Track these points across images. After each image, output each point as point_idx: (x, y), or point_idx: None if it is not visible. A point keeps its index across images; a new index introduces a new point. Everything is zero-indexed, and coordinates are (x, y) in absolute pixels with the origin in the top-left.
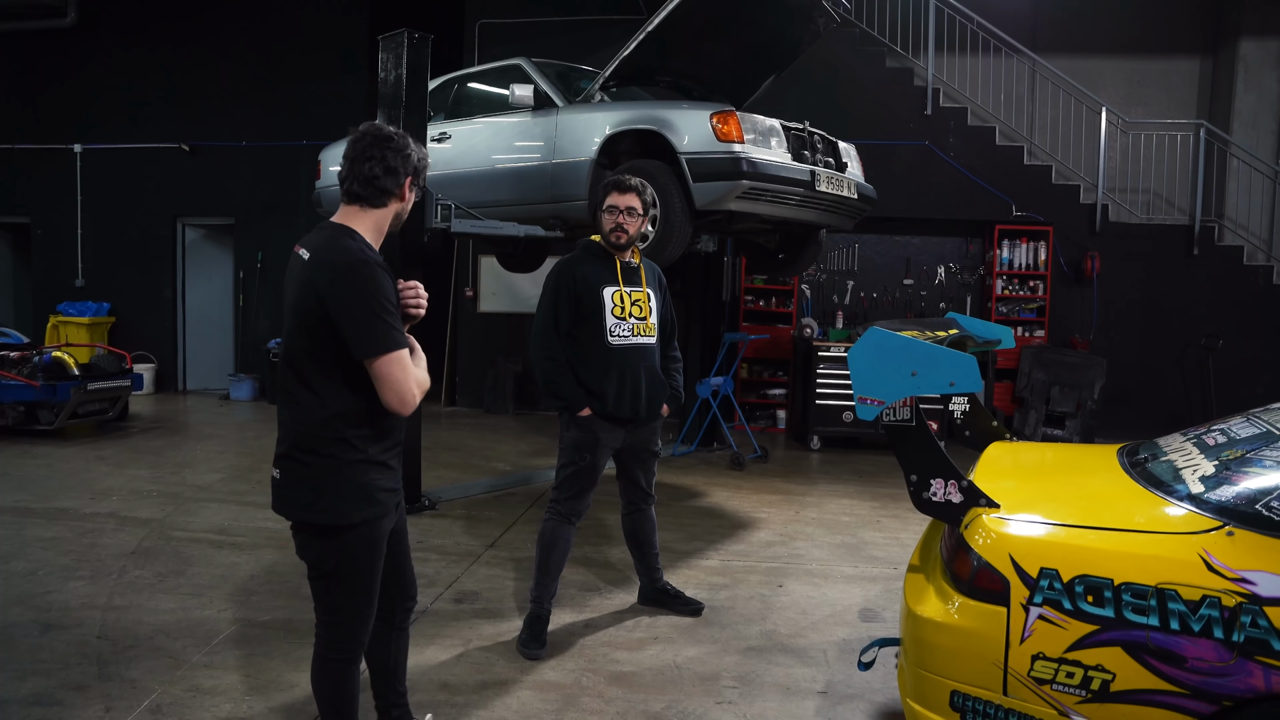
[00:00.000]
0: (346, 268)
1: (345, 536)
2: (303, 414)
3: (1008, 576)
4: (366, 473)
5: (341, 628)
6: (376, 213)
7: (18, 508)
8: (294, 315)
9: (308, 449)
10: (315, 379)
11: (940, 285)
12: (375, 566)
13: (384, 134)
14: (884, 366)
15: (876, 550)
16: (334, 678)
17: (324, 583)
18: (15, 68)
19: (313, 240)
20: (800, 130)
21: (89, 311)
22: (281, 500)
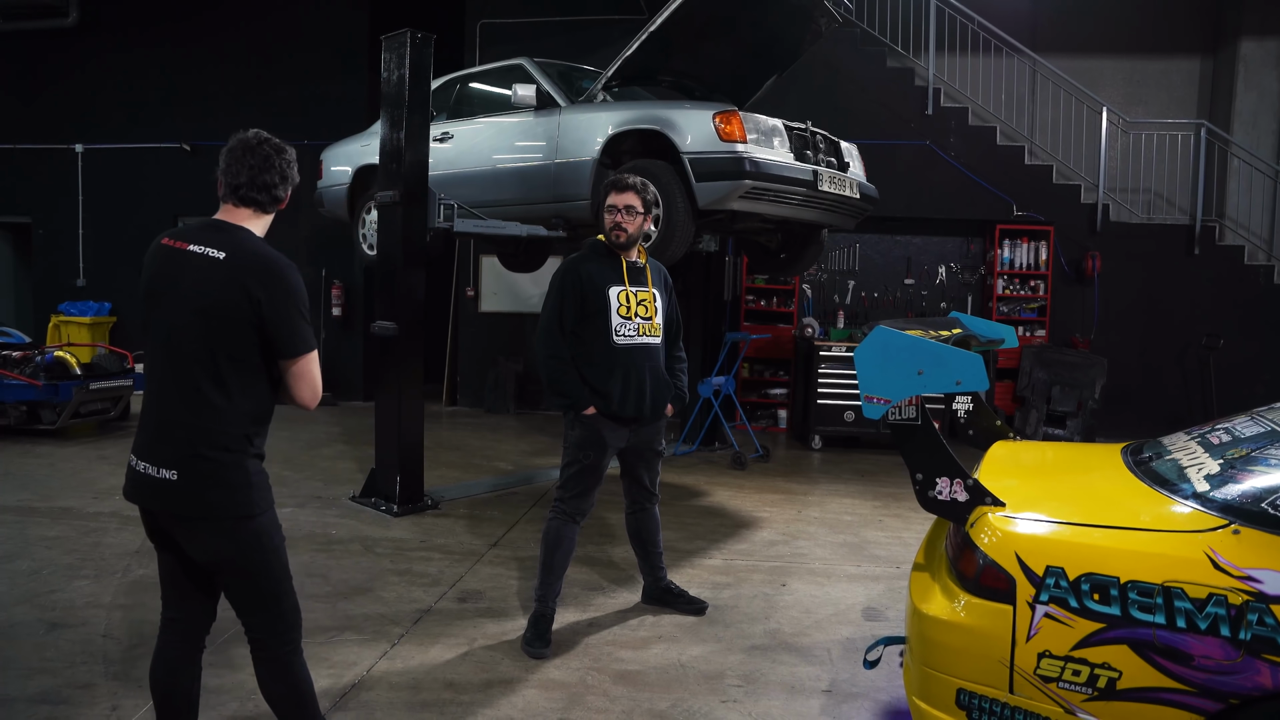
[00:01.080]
0: (281, 270)
1: (260, 522)
2: (213, 413)
3: (1014, 575)
4: (260, 466)
5: (279, 620)
6: (264, 217)
7: (21, 507)
8: (214, 315)
9: (218, 446)
10: (230, 378)
11: (941, 285)
12: (285, 550)
13: (270, 141)
14: (890, 365)
15: (879, 549)
16: (288, 675)
17: (250, 579)
18: (17, 68)
19: (213, 239)
20: (802, 130)
21: (90, 311)
22: (184, 501)
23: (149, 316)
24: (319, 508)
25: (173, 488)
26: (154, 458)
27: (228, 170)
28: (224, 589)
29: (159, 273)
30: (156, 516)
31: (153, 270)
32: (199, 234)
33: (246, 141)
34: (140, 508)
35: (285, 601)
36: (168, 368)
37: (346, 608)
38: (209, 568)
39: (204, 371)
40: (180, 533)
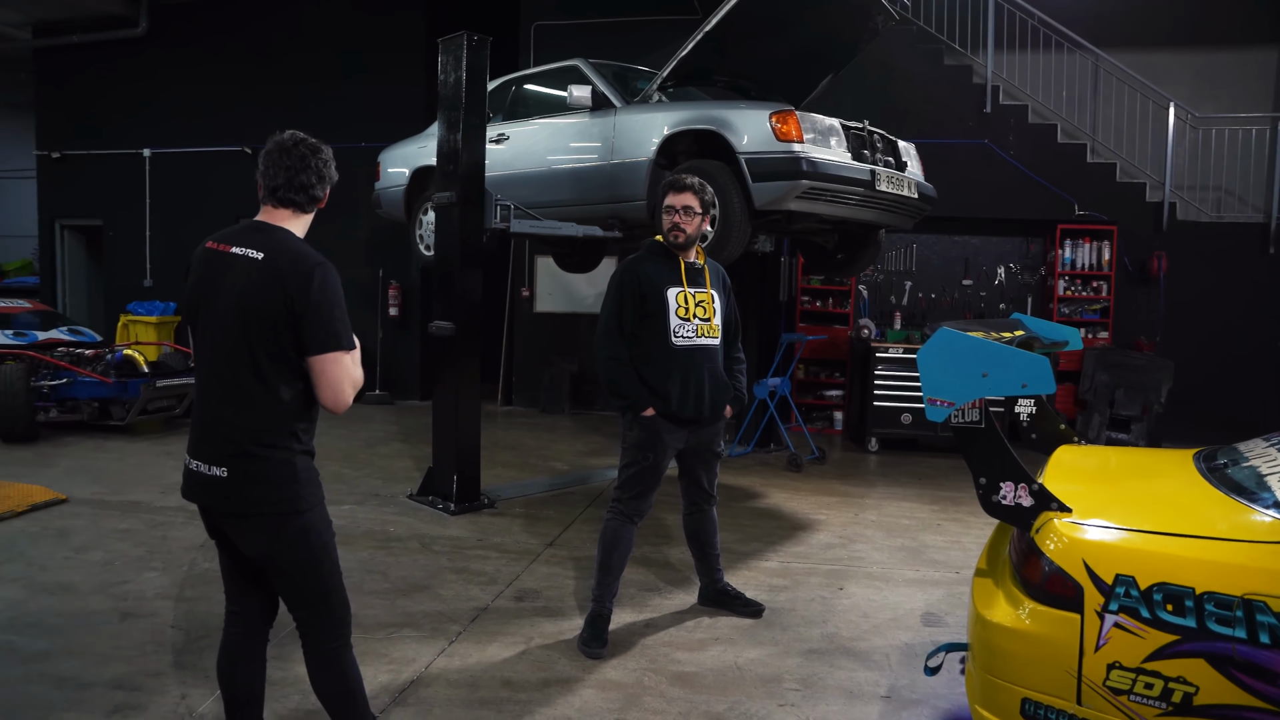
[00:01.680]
0: (314, 268)
1: (308, 518)
2: (255, 411)
3: (1081, 582)
4: (309, 461)
5: (328, 615)
6: (303, 217)
7: (94, 500)
8: (252, 314)
9: (265, 443)
10: (271, 376)
11: (1000, 286)
12: (334, 546)
13: (307, 142)
14: (954, 367)
15: (937, 554)
16: (337, 669)
17: (298, 575)
18: (90, 76)
19: (253, 240)
20: (860, 129)
21: (157, 311)
22: (234, 498)
23: (196, 318)
24: (377, 505)
25: (223, 485)
26: (205, 456)
27: (265, 172)
28: (275, 584)
29: (204, 275)
30: (211, 513)
31: (198, 273)
32: (240, 236)
33: (282, 143)
34: (198, 505)
35: (334, 597)
36: (214, 367)
37: (405, 605)
38: (259, 563)
39: (247, 370)
40: (232, 529)
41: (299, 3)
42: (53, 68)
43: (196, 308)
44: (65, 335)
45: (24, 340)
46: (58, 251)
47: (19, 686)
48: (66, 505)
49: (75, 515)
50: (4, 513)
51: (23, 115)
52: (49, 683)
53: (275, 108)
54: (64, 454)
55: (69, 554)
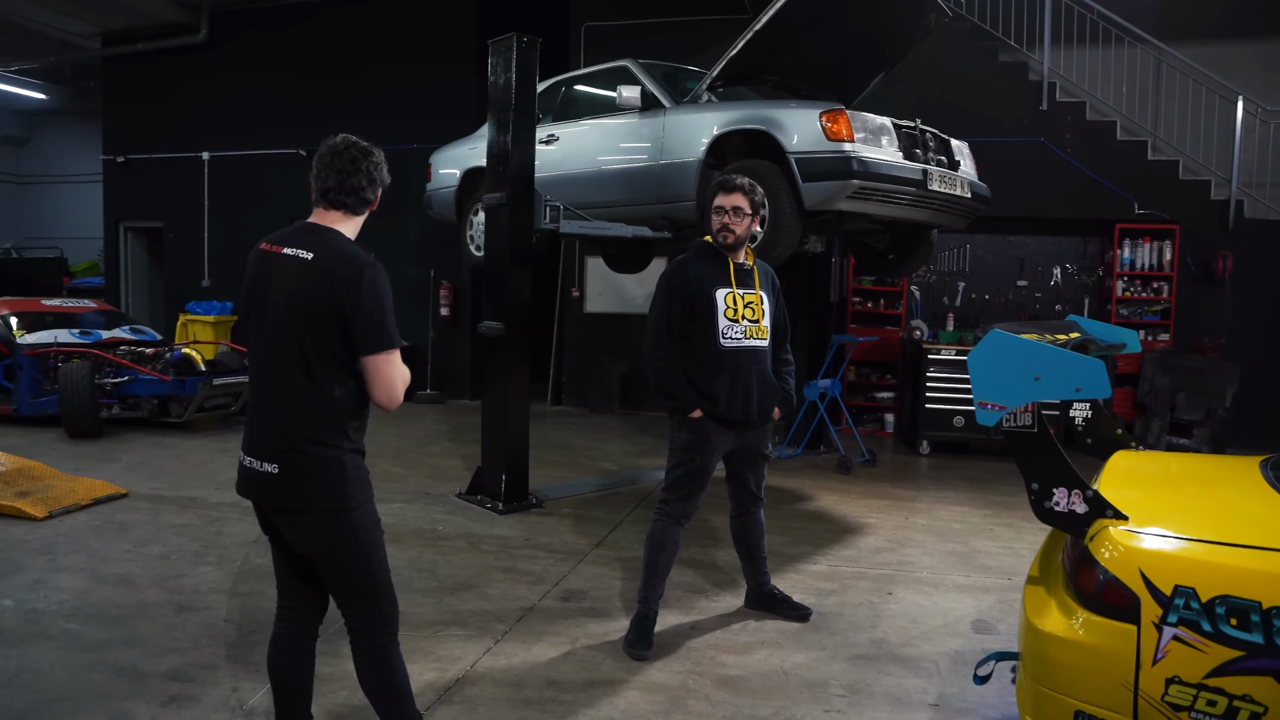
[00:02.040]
0: (363, 268)
1: (357, 515)
2: (305, 409)
3: (1138, 593)
4: (358, 459)
5: (375, 612)
6: (354, 219)
7: (153, 495)
8: (302, 314)
9: (315, 440)
10: (321, 374)
11: (1056, 287)
12: (383, 544)
13: (359, 145)
14: (1006, 370)
15: (989, 559)
16: (384, 666)
17: (346, 572)
18: (153, 83)
19: (304, 241)
20: (912, 128)
21: (214, 310)
22: (284, 494)
23: (250, 317)
24: (426, 504)
25: (274, 481)
26: (257, 452)
27: (318, 175)
28: (324, 580)
29: (257, 276)
30: (264, 509)
31: (252, 274)
32: (292, 237)
33: (335, 147)
34: (251, 501)
35: (382, 594)
36: (266, 366)
37: (452, 603)
38: (309, 559)
39: (297, 368)
40: (283, 524)
41: (353, 8)
42: (118, 75)
43: (251, 307)
44: (127, 334)
45: (89, 339)
46: (121, 253)
47: (83, 674)
48: (127, 500)
49: (135, 509)
50: (70, 505)
51: (92, 122)
52: (109, 671)
53: (329, 110)
54: (125, 449)
55: (129, 547)
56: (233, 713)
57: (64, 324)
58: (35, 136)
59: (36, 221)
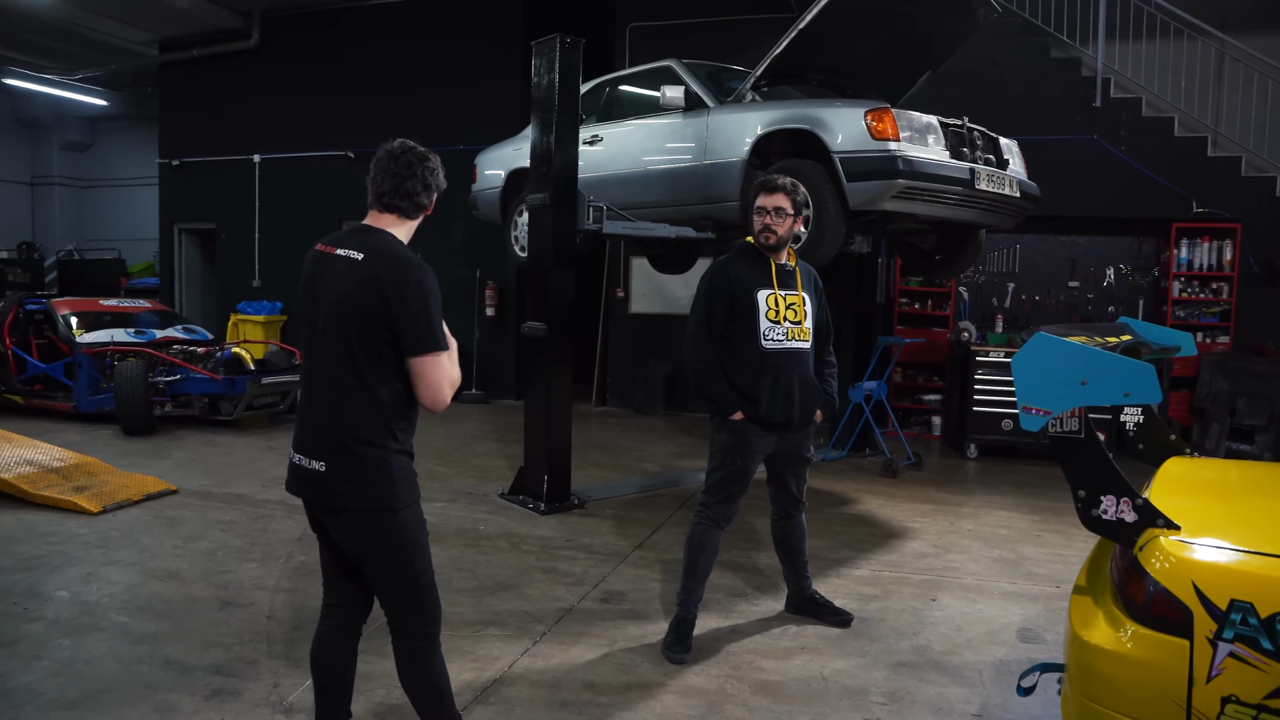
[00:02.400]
0: (411, 270)
1: (402, 516)
2: (353, 408)
3: (1190, 606)
4: (405, 460)
5: (419, 613)
6: (408, 223)
7: (202, 491)
8: (351, 313)
9: (361, 440)
10: (369, 374)
11: (1109, 287)
12: (428, 545)
13: (415, 150)
14: (1051, 374)
15: (1037, 567)
16: (425, 667)
17: (390, 572)
18: (206, 87)
19: (355, 243)
20: (959, 126)
21: (264, 310)
22: (330, 492)
23: (304, 317)
24: (469, 504)
25: (321, 479)
26: (306, 450)
27: (374, 179)
28: (369, 579)
29: (311, 276)
30: (312, 507)
31: (307, 274)
32: (345, 239)
33: (391, 151)
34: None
35: (425, 595)
36: (316, 364)
37: (492, 603)
38: (354, 557)
39: (346, 368)
40: (329, 522)
41: (399, 12)
42: (174, 81)
43: (304, 307)
44: (180, 334)
45: (143, 338)
46: (175, 254)
47: (131, 666)
48: (177, 496)
49: (184, 505)
50: (123, 500)
51: (150, 126)
52: (156, 664)
53: (376, 113)
54: (176, 446)
55: (177, 542)
56: (273, 708)
57: (121, 324)
58: (97, 142)
59: (97, 224)
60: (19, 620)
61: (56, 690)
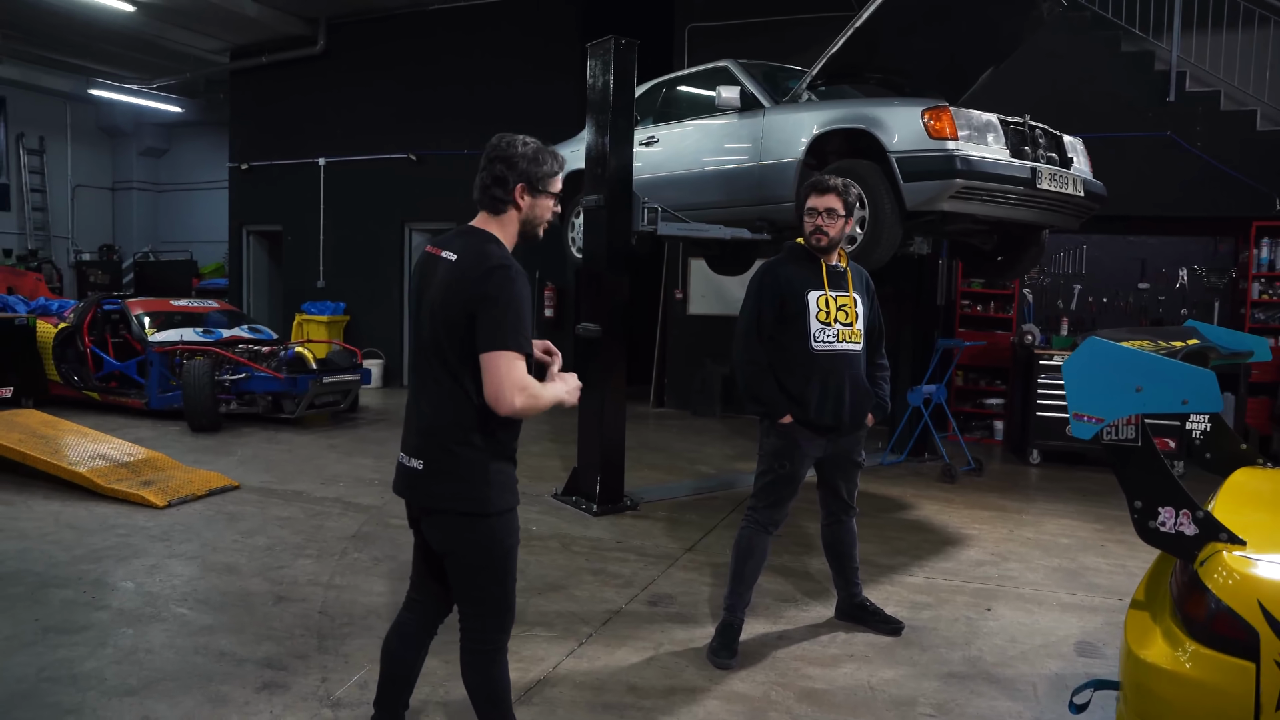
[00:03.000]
0: (489, 271)
1: (493, 522)
2: (450, 407)
3: (1256, 627)
4: (503, 465)
5: (492, 617)
6: (500, 219)
7: (262, 487)
8: (441, 313)
9: (458, 441)
10: (463, 374)
11: (1182, 289)
12: (516, 552)
13: (494, 145)
14: (1104, 380)
15: (1099, 578)
16: (489, 670)
17: (472, 573)
18: (274, 93)
19: (455, 243)
20: (1020, 124)
21: (327, 310)
22: (425, 492)
23: (413, 318)
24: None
25: (418, 477)
26: (408, 448)
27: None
28: (450, 576)
29: (419, 277)
30: (410, 504)
31: (416, 276)
32: (448, 240)
33: (487, 146)
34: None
35: (501, 602)
36: (418, 365)
37: (540, 604)
38: (440, 554)
39: (442, 367)
40: (424, 521)
41: (460, 16)
42: (244, 87)
43: (414, 307)
44: (246, 333)
45: (211, 338)
46: (244, 255)
47: (188, 656)
48: (238, 491)
49: (244, 501)
50: (187, 495)
51: (221, 132)
52: (211, 655)
53: (438, 116)
54: (240, 443)
55: (236, 537)
56: (320, 702)
57: (190, 323)
58: (173, 147)
59: (171, 226)
60: (88, 608)
61: (119, 677)
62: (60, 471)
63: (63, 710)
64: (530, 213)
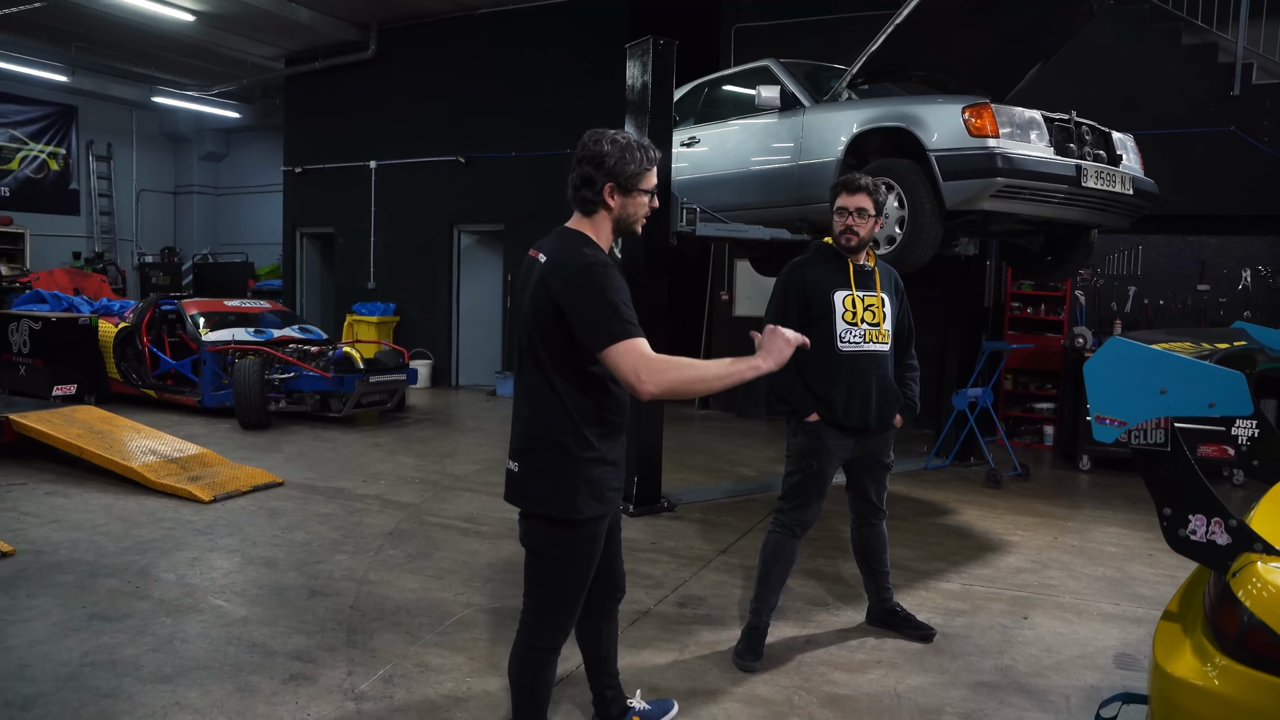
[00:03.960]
0: (575, 271)
1: (573, 530)
2: (542, 410)
3: None
4: (598, 470)
5: (551, 617)
6: (592, 219)
7: (305, 484)
8: (532, 315)
9: (552, 444)
10: (554, 377)
11: (1244, 291)
12: (593, 561)
13: (583, 143)
14: (1127, 382)
15: (1144, 588)
16: (535, 667)
17: (542, 570)
18: (327, 97)
19: (549, 245)
20: (1065, 121)
21: (377, 311)
22: (517, 493)
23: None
24: None
25: (514, 478)
26: (511, 450)
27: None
28: (526, 569)
29: (520, 280)
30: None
31: (519, 280)
32: (544, 241)
33: (578, 144)
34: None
35: (565, 606)
36: (518, 368)
37: None
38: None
39: (536, 369)
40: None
41: (508, 20)
42: (298, 92)
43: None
44: (296, 333)
45: (262, 337)
46: (297, 257)
47: (220, 646)
48: (282, 488)
49: (287, 498)
50: (232, 491)
51: (278, 136)
52: (243, 646)
53: (486, 119)
54: (288, 441)
55: (276, 532)
56: (345, 695)
57: (243, 323)
58: (231, 152)
59: (229, 229)
60: (131, 598)
61: (154, 664)
62: (114, 466)
63: (100, 694)
64: (622, 212)
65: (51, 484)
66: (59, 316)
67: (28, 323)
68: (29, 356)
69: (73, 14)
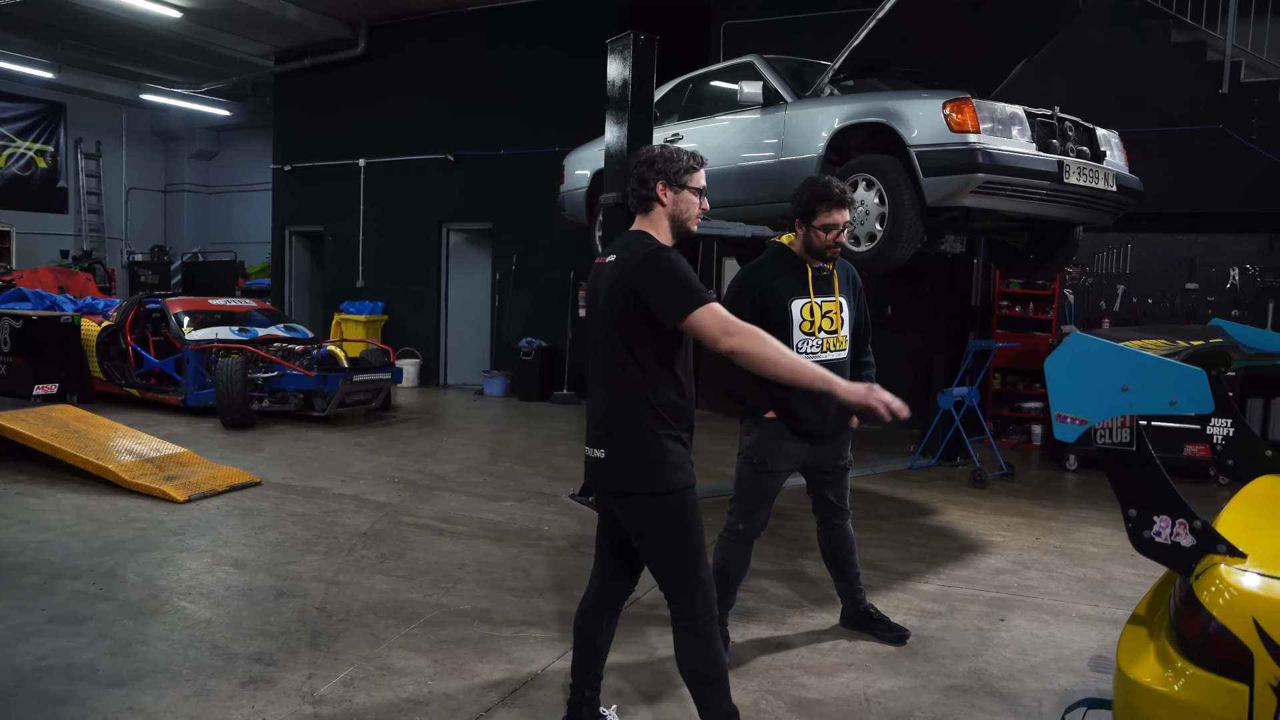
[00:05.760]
0: (644, 257)
1: (677, 499)
2: (623, 396)
3: (1250, 647)
4: (675, 445)
5: (696, 589)
6: (650, 217)
7: (283, 484)
8: (609, 308)
9: (632, 426)
10: (630, 365)
11: (1233, 289)
12: (702, 527)
13: (637, 155)
14: (1088, 380)
15: (1125, 589)
16: (704, 650)
17: (664, 549)
18: (316, 95)
19: (616, 246)
20: (1048, 117)
21: (365, 310)
22: (609, 476)
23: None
24: (538, 504)
25: (601, 465)
26: (591, 441)
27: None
28: (643, 558)
29: (591, 284)
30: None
31: (590, 285)
32: (611, 246)
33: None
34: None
35: (696, 573)
36: (593, 363)
37: (539, 604)
38: (632, 536)
39: (612, 361)
40: (613, 505)
41: (500, 18)
42: (287, 90)
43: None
44: (281, 332)
45: (245, 336)
46: (286, 255)
47: (180, 649)
48: (259, 488)
49: (263, 497)
50: (207, 491)
51: (268, 134)
52: (204, 649)
53: (477, 117)
54: (270, 440)
55: (249, 533)
56: (303, 698)
57: (228, 322)
58: (222, 150)
59: (219, 227)
60: (94, 600)
61: (111, 668)
62: (88, 466)
63: (52, 699)
64: (675, 208)
65: (24, 484)
66: (40, 315)
67: (9, 321)
68: (10, 355)
69: (58, 10)
